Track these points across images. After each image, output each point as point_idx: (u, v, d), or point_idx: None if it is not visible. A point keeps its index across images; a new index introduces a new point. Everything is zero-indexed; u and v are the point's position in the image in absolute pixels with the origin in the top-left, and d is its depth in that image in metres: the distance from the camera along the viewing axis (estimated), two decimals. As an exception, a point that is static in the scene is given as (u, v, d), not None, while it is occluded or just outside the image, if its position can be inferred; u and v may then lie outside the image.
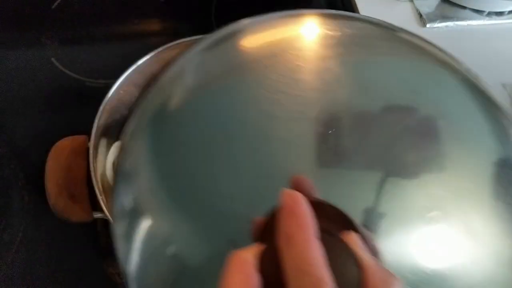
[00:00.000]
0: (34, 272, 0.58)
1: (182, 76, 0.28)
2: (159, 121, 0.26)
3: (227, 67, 0.28)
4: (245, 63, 0.28)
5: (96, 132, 0.54)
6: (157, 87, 0.27)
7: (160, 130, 0.26)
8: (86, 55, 0.78)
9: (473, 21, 0.87)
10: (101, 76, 0.75)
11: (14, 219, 0.62)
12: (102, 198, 0.51)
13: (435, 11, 0.89)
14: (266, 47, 0.29)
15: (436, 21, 0.87)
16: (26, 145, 0.67)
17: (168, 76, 0.28)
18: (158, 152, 0.25)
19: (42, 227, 0.61)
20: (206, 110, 0.26)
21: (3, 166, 0.65)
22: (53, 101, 0.72)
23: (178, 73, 0.28)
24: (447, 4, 0.90)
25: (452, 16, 0.88)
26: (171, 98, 0.27)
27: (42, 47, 0.78)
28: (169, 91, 0.27)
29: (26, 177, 0.64)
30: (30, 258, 0.59)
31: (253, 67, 0.27)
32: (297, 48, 0.29)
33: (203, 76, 0.28)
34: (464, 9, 0.89)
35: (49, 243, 0.60)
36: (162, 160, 0.25)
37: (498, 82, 0.81)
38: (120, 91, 0.58)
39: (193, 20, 0.86)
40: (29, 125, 0.69)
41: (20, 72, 0.74)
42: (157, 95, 0.27)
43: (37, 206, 0.62)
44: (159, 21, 0.85)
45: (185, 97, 0.27)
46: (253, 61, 0.28)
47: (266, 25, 0.28)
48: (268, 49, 0.29)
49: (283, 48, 0.28)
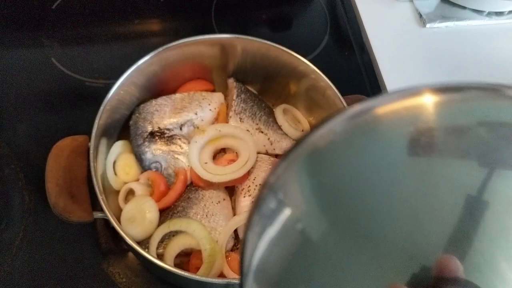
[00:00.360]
0: (35, 272, 0.58)
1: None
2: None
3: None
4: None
5: (96, 132, 0.54)
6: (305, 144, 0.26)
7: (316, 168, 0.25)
8: (86, 55, 0.78)
9: (473, 21, 0.88)
10: (101, 76, 0.75)
11: (14, 219, 0.62)
12: (102, 198, 0.51)
13: (435, 11, 0.89)
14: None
15: (436, 21, 0.87)
16: (27, 145, 0.67)
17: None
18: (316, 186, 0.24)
19: (42, 227, 0.61)
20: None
21: (3, 166, 0.65)
22: (53, 101, 0.72)
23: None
24: (447, 4, 0.90)
25: (452, 16, 0.88)
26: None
27: (42, 47, 0.78)
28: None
29: (26, 177, 0.65)
30: (30, 257, 0.59)
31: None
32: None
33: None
34: (464, 9, 0.89)
35: (49, 242, 0.60)
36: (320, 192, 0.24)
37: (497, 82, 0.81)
38: (121, 91, 0.58)
39: (193, 21, 0.86)
40: (30, 125, 0.69)
41: (20, 72, 0.74)
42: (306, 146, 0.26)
43: (37, 206, 0.63)
44: (159, 22, 0.85)
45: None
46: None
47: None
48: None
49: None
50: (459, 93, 0.24)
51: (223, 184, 0.59)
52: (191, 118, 0.63)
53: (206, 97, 0.65)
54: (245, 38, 0.63)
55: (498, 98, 0.24)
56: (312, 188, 0.25)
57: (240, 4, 0.89)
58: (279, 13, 0.91)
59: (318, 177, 0.25)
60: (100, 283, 0.58)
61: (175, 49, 0.61)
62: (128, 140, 0.63)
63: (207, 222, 0.56)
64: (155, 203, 0.56)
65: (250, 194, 0.59)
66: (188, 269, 0.55)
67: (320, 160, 0.25)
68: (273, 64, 0.65)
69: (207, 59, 0.66)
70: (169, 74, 0.65)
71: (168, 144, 0.61)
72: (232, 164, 0.59)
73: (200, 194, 0.59)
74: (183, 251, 0.55)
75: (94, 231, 0.62)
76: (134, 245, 0.48)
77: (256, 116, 0.65)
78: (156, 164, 0.60)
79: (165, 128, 0.61)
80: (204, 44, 0.63)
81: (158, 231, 0.55)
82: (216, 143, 0.61)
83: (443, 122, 0.24)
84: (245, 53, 0.65)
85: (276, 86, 0.70)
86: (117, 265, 0.60)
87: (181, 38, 0.61)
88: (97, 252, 0.61)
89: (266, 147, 0.64)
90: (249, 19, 0.89)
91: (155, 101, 0.63)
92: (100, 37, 0.81)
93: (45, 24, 0.81)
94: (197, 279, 0.48)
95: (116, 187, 0.60)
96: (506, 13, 0.89)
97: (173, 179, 0.60)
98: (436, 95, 0.24)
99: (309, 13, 0.90)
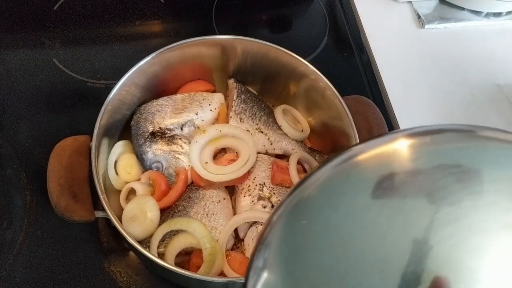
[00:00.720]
0: (36, 270, 0.58)
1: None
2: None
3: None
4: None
5: (98, 132, 0.55)
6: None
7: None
8: (88, 56, 0.78)
9: (471, 22, 0.88)
10: (102, 76, 0.76)
11: (16, 218, 0.62)
12: (103, 197, 0.51)
13: (434, 12, 0.89)
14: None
15: (434, 22, 0.87)
16: (28, 145, 0.68)
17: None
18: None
19: (44, 226, 0.61)
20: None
21: (5, 165, 0.66)
22: (55, 102, 0.73)
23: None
24: (446, 5, 0.90)
25: (450, 17, 0.88)
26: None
27: (44, 48, 0.78)
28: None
29: (28, 177, 0.65)
30: (32, 256, 0.59)
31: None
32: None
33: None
34: (462, 10, 0.89)
35: (51, 241, 0.61)
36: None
37: (495, 83, 0.82)
38: (122, 92, 0.59)
39: (193, 22, 0.87)
40: (31, 125, 0.70)
41: (22, 73, 0.75)
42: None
43: (39, 206, 0.63)
44: (160, 23, 0.86)
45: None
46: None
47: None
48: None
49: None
50: (432, 136, 0.27)
51: (223, 183, 0.59)
52: (192, 118, 0.63)
53: (206, 98, 0.65)
54: (245, 39, 0.63)
55: (469, 139, 0.27)
56: (289, 251, 0.27)
57: (240, 5, 0.90)
58: (279, 14, 0.91)
59: (295, 237, 0.27)
60: (101, 282, 0.59)
61: (176, 50, 0.62)
62: (129, 140, 0.63)
63: (207, 221, 0.57)
64: (156, 203, 0.57)
65: (250, 193, 0.59)
66: (189, 268, 0.55)
67: (300, 213, 0.28)
68: (273, 64, 0.66)
69: (208, 59, 0.67)
70: (170, 75, 0.66)
71: (169, 144, 0.61)
72: (232, 164, 0.59)
73: (200, 194, 0.59)
74: (184, 250, 0.55)
75: (96, 230, 0.62)
76: (135, 244, 0.49)
77: (256, 116, 0.66)
78: (157, 164, 0.61)
79: (166, 128, 0.62)
80: (205, 45, 0.64)
81: (159, 230, 0.55)
82: (216, 143, 0.61)
83: (407, 166, 0.27)
84: (245, 54, 0.66)
85: (276, 87, 0.70)
86: (118, 264, 0.60)
87: (182, 39, 0.62)
88: (99, 251, 0.61)
89: (266, 147, 0.65)
90: (249, 20, 0.90)
91: (156, 102, 0.64)
92: (102, 38, 0.81)
93: (46, 25, 0.81)
94: (198, 278, 0.48)
95: (117, 187, 0.60)
96: (504, 14, 0.90)
97: (174, 179, 0.61)
98: (409, 140, 0.27)
99: (308, 15, 0.91)
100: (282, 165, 0.61)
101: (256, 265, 0.27)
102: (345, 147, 0.29)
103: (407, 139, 0.27)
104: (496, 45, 0.87)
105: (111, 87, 0.58)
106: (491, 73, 0.83)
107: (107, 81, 0.75)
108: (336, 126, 0.62)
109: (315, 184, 0.28)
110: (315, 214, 0.27)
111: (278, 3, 0.93)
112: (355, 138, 0.58)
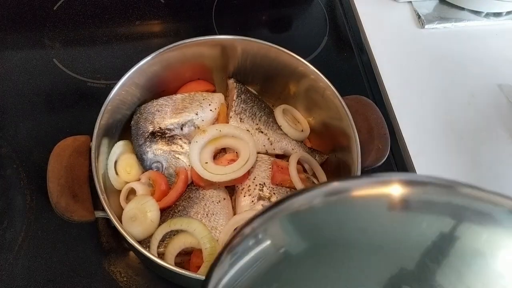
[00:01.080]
0: (36, 270, 0.58)
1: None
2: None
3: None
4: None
5: (98, 132, 0.55)
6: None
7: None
8: (88, 56, 0.78)
9: (471, 22, 0.88)
10: (102, 76, 0.76)
11: (16, 218, 0.62)
12: (103, 197, 0.51)
13: (434, 12, 0.89)
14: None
15: (434, 22, 0.87)
16: (28, 145, 0.68)
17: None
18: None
19: (44, 226, 0.61)
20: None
21: (5, 166, 0.66)
22: (55, 102, 0.73)
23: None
24: (445, 5, 0.90)
25: (450, 17, 0.88)
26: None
27: (44, 48, 0.78)
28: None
29: (28, 177, 0.65)
30: (32, 256, 0.59)
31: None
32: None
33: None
34: (462, 10, 0.89)
35: (51, 242, 0.61)
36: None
37: (495, 83, 0.82)
38: (122, 92, 0.59)
39: (193, 22, 0.87)
40: (31, 125, 0.70)
41: (22, 73, 0.75)
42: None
43: (39, 206, 0.63)
44: (160, 23, 0.86)
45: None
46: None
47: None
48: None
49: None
50: (419, 187, 0.28)
51: (223, 183, 0.59)
52: (192, 118, 0.63)
53: (206, 98, 0.65)
54: (245, 39, 0.63)
55: (448, 194, 0.27)
56: (296, 230, 0.28)
57: (240, 5, 0.90)
58: (279, 14, 0.92)
59: (299, 228, 0.28)
60: (101, 282, 0.59)
61: (176, 50, 0.62)
62: (129, 140, 0.63)
63: (207, 221, 0.57)
64: (156, 203, 0.57)
65: (250, 193, 0.59)
66: (189, 268, 0.55)
67: (299, 220, 0.28)
68: (273, 64, 0.66)
69: (208, 60, 0.67)
70: (170, 75, 0.66)
71: (169, 144, 0.61)
72: (232, 164, 0.59)
73: (200, 194, 0.60)
74: (184, 250, 0.55)
75: (96, 230, 0.62)
76: (135, 244, 0.49)
77: (256, 116, 0.66)
78: (157, 164, 0.61)
79: (166, 128, 0.62)
80: (205, 45, 0.64)
81: (159, 230, 0.55)
82: (216, 143, 0.61)
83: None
84: (245, 54, 0.66)
85: (276, 87, 0.70)
86: (118, 264, 0.60)
87: (182, 39, 0.62)
88: (99, 251, 0.61)
89: (266, 147, 0.65)
90: (249, 20, 0.90)
91: (156, 102, 0.64)
92: (102, 38, 0.81)
93: (46, 25, 0.81)
94: (198, 278, 0.48)
95: (117, 187, 0.60)
96: (504, 14, 0.90)
97: (174, 179, 0.61)
98: (403, 188, 0.27)
99: (308, 15, 0.91)
100: (282, 165, 0.62)
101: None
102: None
103: (401, 186, 0.27)
104: (496, 45, 0.87)
105: (111, 87, 0.58)
106: (491, 73, 0.83)
107: (107, 81, 0.75)
108: (336, 126, 0.63)
109: (308, 204, 0.28)
110: (313, 228, 0.28)
111: (278, 3, 0.93)
112: (355, 138, 0.58)
